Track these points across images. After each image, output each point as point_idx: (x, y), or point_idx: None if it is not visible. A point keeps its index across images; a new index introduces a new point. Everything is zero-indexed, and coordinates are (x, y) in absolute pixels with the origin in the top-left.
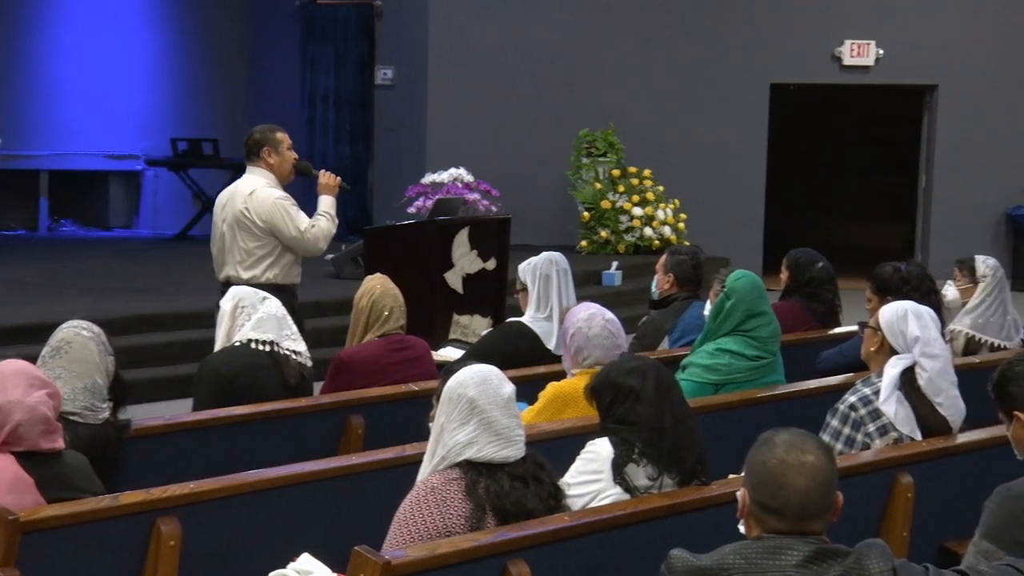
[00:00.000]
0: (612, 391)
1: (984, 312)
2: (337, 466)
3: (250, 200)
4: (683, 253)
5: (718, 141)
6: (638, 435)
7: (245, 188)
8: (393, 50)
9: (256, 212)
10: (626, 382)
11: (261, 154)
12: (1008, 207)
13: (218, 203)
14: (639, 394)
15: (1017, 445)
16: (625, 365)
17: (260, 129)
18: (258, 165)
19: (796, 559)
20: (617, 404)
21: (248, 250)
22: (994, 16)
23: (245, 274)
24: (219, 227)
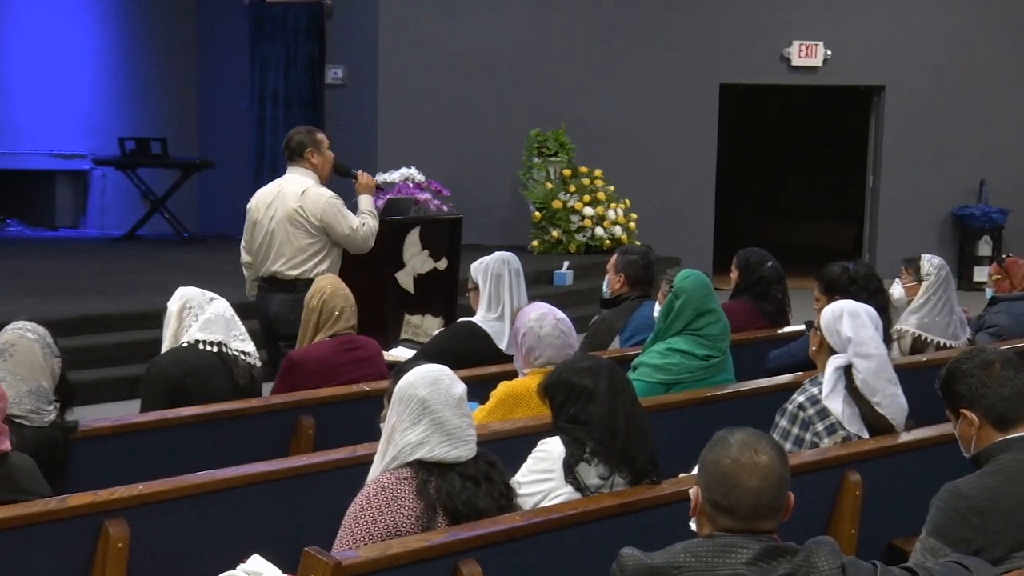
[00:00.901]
0: (564, 390)
1: (930, 312)
2: (288, 467)
3: (303, 199)
4: (634, 253)
5: (668, 141)
6: (590, 434)
7: (295, 188)
8: (343, 49)
9: (310, 211)
10: (579, 381)
11: (305, 155)
12: (954, 207)
13: (260, 201)
14: (591, 394)
15: (963, 442)
16: (578, 364)
17: (301, 130)
18: (302, 165)
19: (746, 557)
20: (569, 403)
21: (301, 247)
22: (940, 18)
23: (294, 271)
24: (264, 225)
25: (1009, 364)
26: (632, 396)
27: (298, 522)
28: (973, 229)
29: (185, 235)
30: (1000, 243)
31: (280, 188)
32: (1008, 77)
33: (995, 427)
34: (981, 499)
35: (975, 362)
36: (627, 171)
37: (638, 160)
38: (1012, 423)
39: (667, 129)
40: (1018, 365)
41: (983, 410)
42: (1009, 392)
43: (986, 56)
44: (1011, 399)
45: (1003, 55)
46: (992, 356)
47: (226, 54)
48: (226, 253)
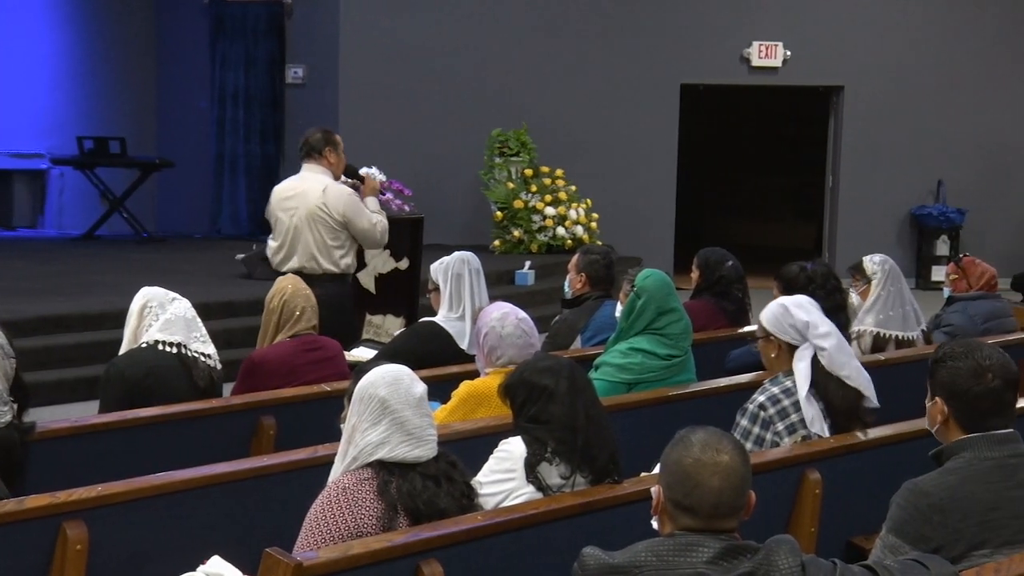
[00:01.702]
0: (525, 390)
1: (884, 307)
2: (248, 468)
3: (326, 196)
4: (595, 253)
5: (629, 141)
6: (551, 434)
7: (316, 185)
8: (304, 49)
9: (333, 207)
10: (539, 381)
11: (324, 153)
12: (912, 207)
13: (279, 197)
14: (552, 393)
15: (929, 419)
16: (539, 364)
17: (319, 130)
18: (319, 163)
19: (707, 556)
20: (530, 403)
21: (324, 243)
22: (899, 19)
23: (318, 267)
24: (285, 221)
25: (1000, 375)
26: (593, 395)
27: (259, 523)
28: (931, 229)
29: (144, 235)
30: (957, 243)
31: (300, 185)
32: (965, 78)
33: (962, 429)
34: (941, 497)
35: (969, 364)
36: (588, 171)
37: (599, 160)
38: (979, 429)
39: (628, 129)
40: (1009, 377)
41: (957, 410)
42: (988, 405)
43: (944, 57)
44: (987, 411)
45: (960, 57)
46: (987, 363)
47: (185, 53)
48: (186, 253)
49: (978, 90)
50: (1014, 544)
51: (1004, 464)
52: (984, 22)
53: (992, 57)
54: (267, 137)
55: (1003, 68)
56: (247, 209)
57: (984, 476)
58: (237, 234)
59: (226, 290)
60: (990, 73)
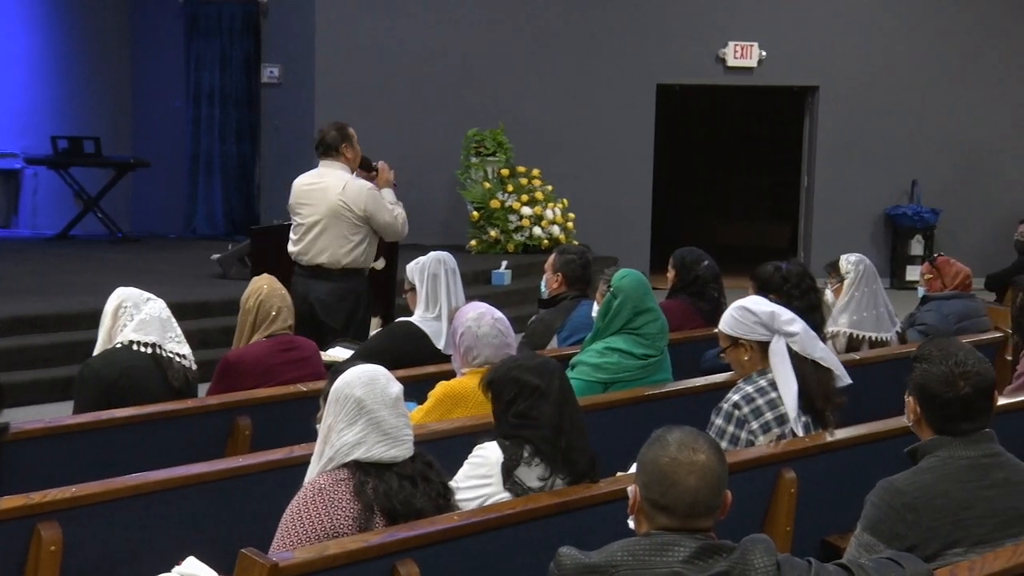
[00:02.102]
0: (515, 387)
1: (857, 308)
2: (224, 468)
3: (345, 192)
4: (571, 252)
5: (606, 141)
6: (537, 433)
7: (336, 181)
8: (279, 48)
9: (354, 202)
10: (531, 380)
11: (341, 149)
12: (887, 207)
13: (299, 193)
14: (544, 393)
15: (907, 411)
16: (530, 363)
17: (333, 126)
18: (337, 159)
19: (683, 555)
20: (520, 400)
21: (345, 238)
22: (873, 19)
23: (339, 261)
24: (306, 217)
25: (972, 382)
26: (575, 399)
27: (234, 524)
28: (905, 229)
29: (119, 235)
30: (932, 242)
31: (320, 182)
32: (939, 79)
33: (933, 430)
34: (916, 496)
35: (941, 370)
36: (565, 171)
37: (576, 160)
38: (948, 432)
39: (605, 129)
40: (982, 384)
41: (927, 412)
42: (957, 411)
43: (918, 58)
44: (956, 417)
45: (935, 57)
46: (960, 370)
47: (160, 53)
48: (161, 253)
49: (952, 91)
50: (987, 543)
51: (978, 464)
52: (958, 23)
53: (966, 58)
54: (243, 137)
55: (977, 68)
56: (223, 209)
57: (958, 475)
58: (212, 234)
59: (201, 290)
60: (964, 74)
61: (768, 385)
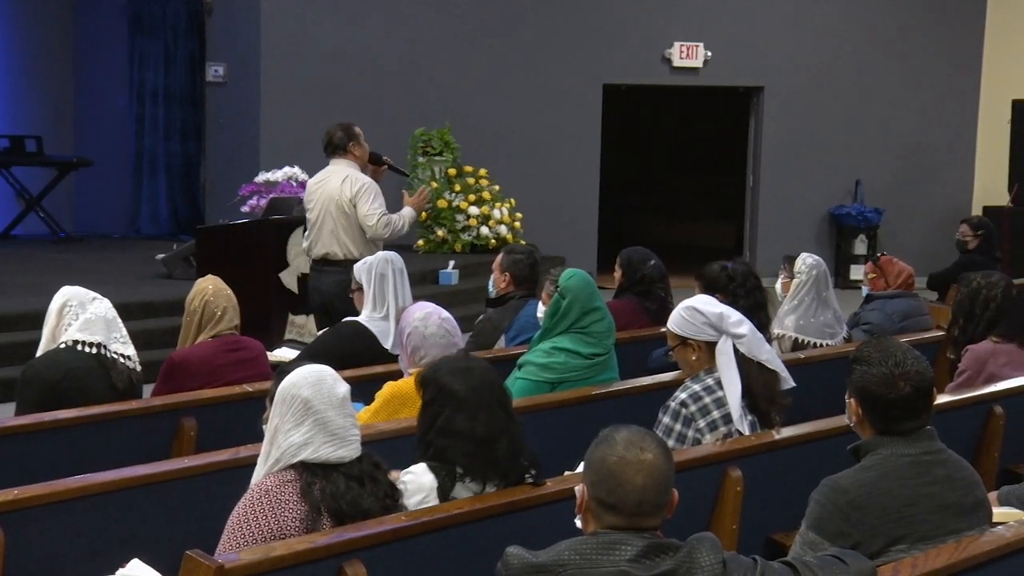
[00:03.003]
0: (434, 390)
1: (804, 313)
2: (169, 469)
3: (344, 186)
4: (519, 252)
5: (553, 141)
6: (462, 448)
7: (338, 176)
8: (224, 47)
9: (347, 194)
10: (449, 385)
11: (348, 147)
12: (831, 206)
13: (309, 192)
14: (460, 402)
15: (848, 413)
16: (453, 364)
17: (340, 126)
18: (345, 158)
19: (630, 554)
20: (436, 405)
21: (347, 230)
22: (817, 20)
23: (342, 252)
24: (314, 211)
25: (913, 382)
26: (506, 401)
27: (180, 526)
28: (849, 228)
29: (62, 234)
30: (875, 242)
31: (326, 178)
32: (882, 79)
33: (874, 430)
34: (859, 494)
35: (881, 371)
36: (512, 171)
37: (523, 160)
38: (889, 432)
39: (551, 129)
40: (922, 384)
41: (868, 413)
42: (898, 412)
43: (861, 59)
44: (897, 417)
45: (878, 58)
46: (899, 370)
47: (103, 51)
48: (104, 252)
49: (895, 91)
50: (930, 539)
51: (920, 461)
52: (901, 24)
53: (909, 58)
54: (187, 136)
55: (919, 69)
56: (167, 208)
57: (900, 473)
58: (157, 234)
59: (146, 290)
60: (907, 74)
61: (715, 384)
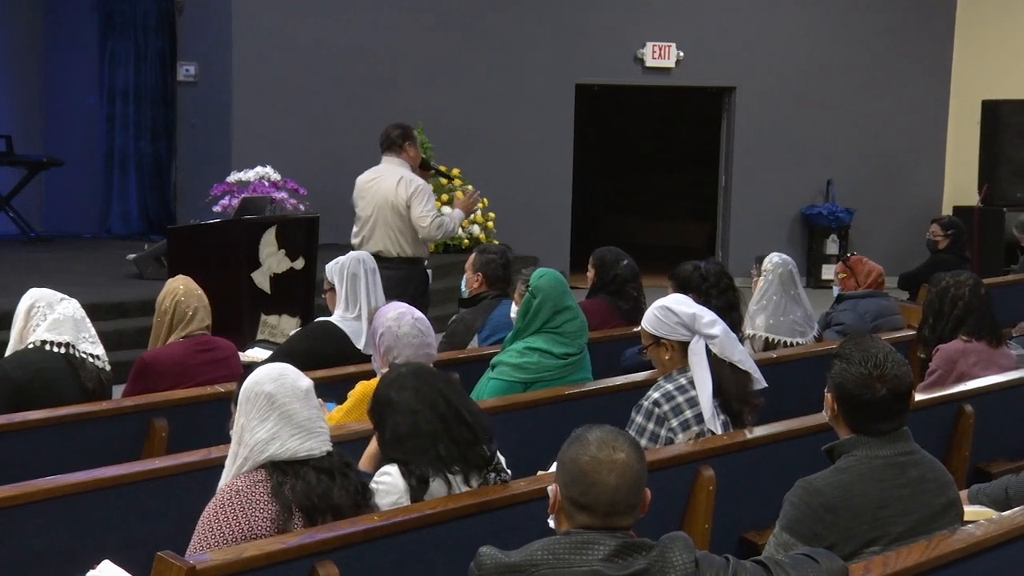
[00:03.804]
0: (377, 408)
1: (774, 313)
2: (140, 470)
3: (399, 188)
4: (492, 252)
5: (526, 141)
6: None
7: (393, 176)
8: (196, 46)
9: (402, 196)
10: (385, 396)
11: (404, 146)
12: (803, 206)
13: (361, 189)
14: (397, 407)
15: (825, 407)
16: (386, 379)
17: (398, 125)
18: (399, 156)
19: (602, 553)
20: (381, 421)
21: (399, 228)
22: (790, 21)
23: (394, 250)
24: (365, 210)
25: (890, 385)
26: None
27: (151, 527)
28: (820, 228)
29: (32, 234)
30: (846, 242)
31: (379, 176)
32: (852, 80)
33: (849, 428)
34: (834, 495)
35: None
36: (485, 170)
37: (496, 159)
38: (863, 432)
39: (524, 129)
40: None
41: (843, 411)
42: (872, 413)
43: (832, 60)
44: (872, 418)
45: (848, 59)
46: (877, 372)
47: (73, 49)
48: (75, 252)
49: (866, 92)
50: (903, 540)
51: (894, 462)
52: (872, 25)
53: (880, 59)
54: (158, 135)
55: (890, 70)
56: (138, 208)
57: (875, 474)
58: (128, 233)
59: (117, 290)
60: (878, 75)
61: (688, 383)
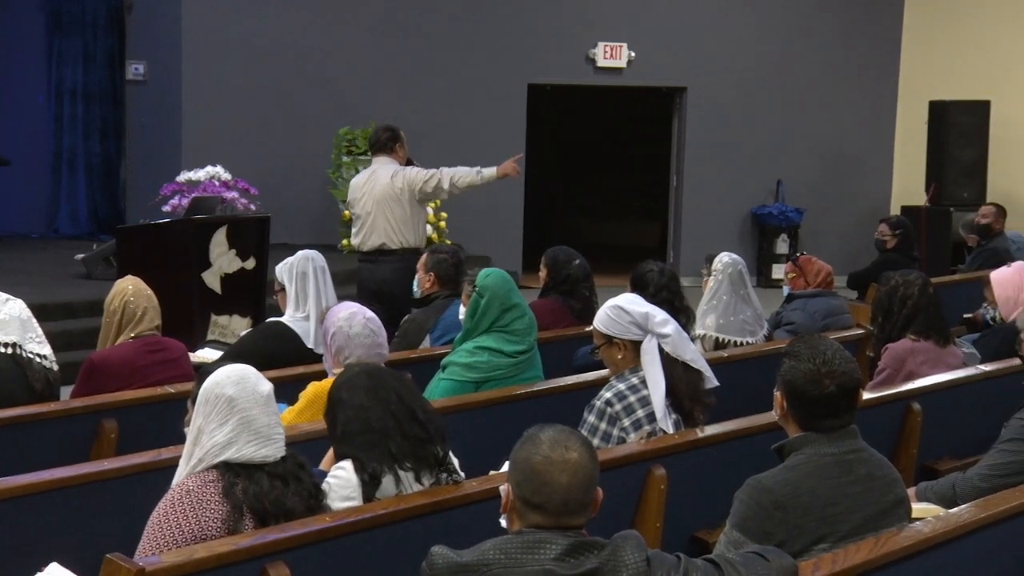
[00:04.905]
0: (329, 408)
1: (723, 313)
2: (89, 472)
3: (395, 180)
4: (444, 252)
5: (478, 141)
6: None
7: (386, 172)
8: (145, 44)
9: (399, 184)
10: (337, 395)
11: (394, 148)
12: (753, 206)
13: (356, 189)
14: (348, 405)
15: (775, 405)
16: (340, 380)
17: (387, 128)
18: (391, 156)
19: (554, 553)
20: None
21: (398, 219)
22: (740, 22)
23: (401, 238)
24: (362, 206)
25: (839, 381)
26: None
27: (100, 529)
28: (771, 228)
29: None
30: (796, 241)
31: (373, 174)
32: (803, 81)
33: (798, 426)
34: (783, 493)
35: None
36: None
37: (448, 159)
38: (812, 429)
39: (477, 129)
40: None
41: (793, 408)
42: (821, 409)
43: (782, 61)
44: (821, 415)
45: (799, 59)
46: (826, 369)
47: (20, 48)
48: (22, 252)
49: (816, 92)
50: (852, 538)
51: (843, 460)
52: (821, 26)
53: (829, 60)
54: (107, 135)
55: (840, 71)
56: (87, 208)
57: (824, 472)
58: (76, 234)
59: (65, 291)
60: (827, 76)
61: (640, 383)
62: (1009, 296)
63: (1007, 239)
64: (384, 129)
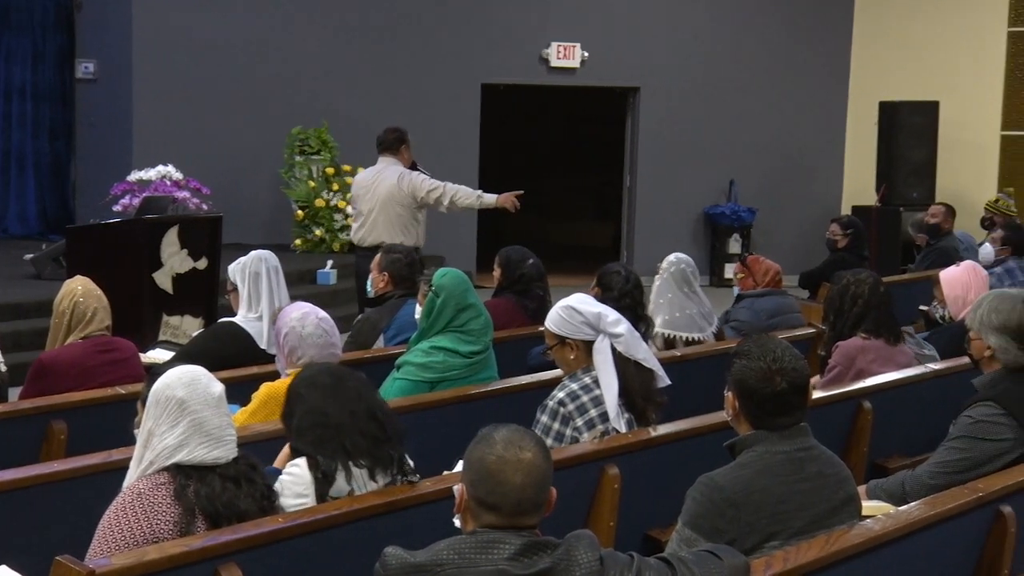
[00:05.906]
0: (288, 404)
1: (670, 309)
2: (38, 474)
3: (401, 182)
4: (397, 252)
5: (431, 140)
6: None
7: (393, 173)
8: (95, 43)
9: (405, 188)
10: (296, 390)
11: (400, 149)
12: (706, 206)
13: (360, 185)
14: (306, 400)
15: (726, 405)
16: (301, 377)
17: (394, 129)
18: (396, 156)
19: (508, 553)
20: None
21: (402, 218)
22: (693, 23)
23: (401, 237)
24: (365, 204)
25: (789, 379)
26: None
27: (50, 531)
28: (723, 227)
29: None
30: (748, 241)
31: (379, 174)
32: (755, 82)
33: (750, 424)
34: (735, 491)
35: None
36: None
37: None
38: (764, 426)
39: (430, 129)
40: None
41: (744, 407)
42: (773, 407)
43: (734, 61)
44: (773, 412)
45: (750, 61)
46: (776, 366)
47: None
48: None
49: (767, 93)
50: (802, 535)
51: (793, 458)
52: (773, 27)
53: (781, 61)
54: (57, 134)
55: (791, 72)
56: (36, 207)
57: (775, 470)
58: (25, 234)
59: (13, 291)
60: (778, 76)
61: (593, 382)
62: (958, 295)
63: (956, 239)
64: (391, 130)
